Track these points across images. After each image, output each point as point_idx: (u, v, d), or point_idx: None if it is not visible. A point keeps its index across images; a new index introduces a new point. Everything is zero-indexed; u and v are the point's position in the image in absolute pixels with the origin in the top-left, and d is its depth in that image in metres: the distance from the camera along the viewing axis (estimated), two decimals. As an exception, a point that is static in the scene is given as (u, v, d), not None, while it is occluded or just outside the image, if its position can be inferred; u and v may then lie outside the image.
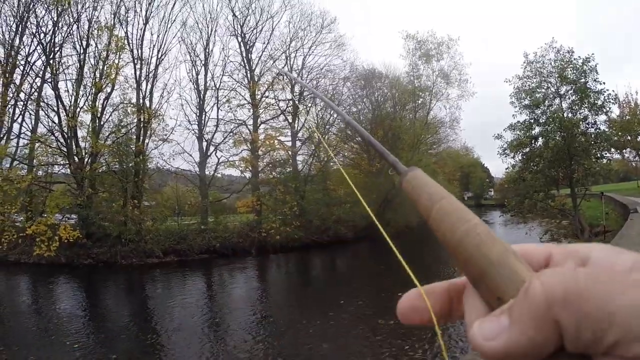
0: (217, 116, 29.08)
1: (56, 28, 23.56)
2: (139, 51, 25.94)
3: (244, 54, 30.38)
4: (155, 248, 22.43)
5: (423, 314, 0.35)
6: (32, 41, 23.65)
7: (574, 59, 22.89)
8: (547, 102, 23.65)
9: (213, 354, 9.55)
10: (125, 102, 25.51)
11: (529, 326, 0.27)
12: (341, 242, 28.23)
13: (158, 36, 26.65)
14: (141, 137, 25.61)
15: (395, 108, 37.12)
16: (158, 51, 26.55)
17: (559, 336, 0.26)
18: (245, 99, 30.17)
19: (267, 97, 31.25)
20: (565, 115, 22.80)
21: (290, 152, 31.40)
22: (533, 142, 24.26)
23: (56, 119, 23.52)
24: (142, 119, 25.45)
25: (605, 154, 23.28)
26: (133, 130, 25.55)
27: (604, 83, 22.14)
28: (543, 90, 23.78)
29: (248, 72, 30.44)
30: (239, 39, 30.20)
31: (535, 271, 0.30)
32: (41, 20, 23.45)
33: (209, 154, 28.50)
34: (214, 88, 29.14)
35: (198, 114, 28.40)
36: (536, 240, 23.57)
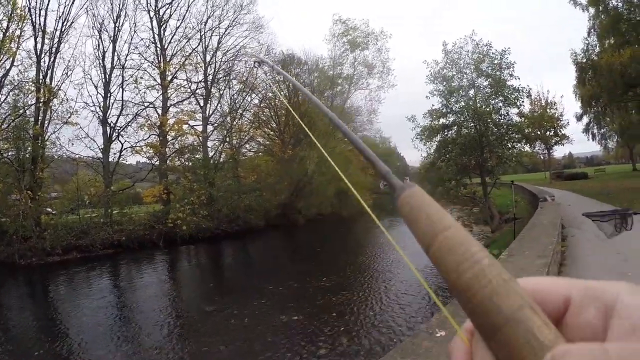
0: (122, 98, 28.93)
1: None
2: (41, 22, 25.04)
3: (156, 31, 30.33)
4: (56, 245, 22.27)
5: None
6: None
7: (492, 52, 25.05)
8: (462, 91, 25.68)
9: (124, 355, 9.74)
10: (24, 79, 24.61)
11: None
12: (252, 231, 29.33)
13: (64, 6, 25.94)
14: (40, 120, 24.88)
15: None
16: (62, 23, 25.81)
17: None
18: (155, 80, 30.27)
19: (177, 78, 31.54)
20: (479, 106, 24.85)
21: (200, 138, 32.08)
22: (446, 130, 26.44)
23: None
24: (41, 98, 24.66)
25: (517, 145, 25.62)
26: (32, 111, 24.77)
27: (519, 78, 24.60)
28: (458, 80, 25.84)
29: (160, 50, 30.44)
30: (152, 14, 30.05)
31: (552, 317, 0.29)
32: None
33: (113, 139, 28.31)
34: (120, 67, 28.83)
35: (103, 95, 28.09)
36: None
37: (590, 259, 7.98)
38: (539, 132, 42.19)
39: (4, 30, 23.43)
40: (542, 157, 53.83)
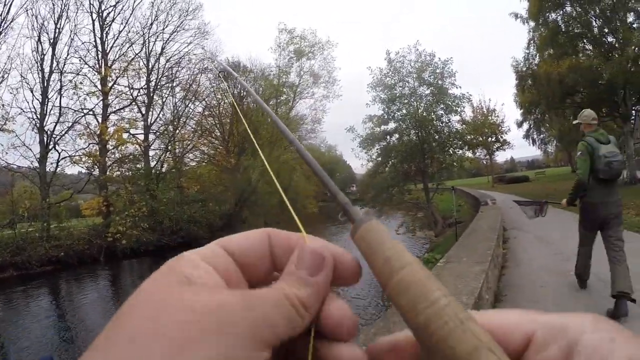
0: (60, 104, 27.78)
1: None
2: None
3: (99, 35, 29.53)
4: (-11, 262, 21.04)
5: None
6: None
7: (435, 62, 26.11)
8: (403, 99, 26.35)
9: None
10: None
11: None
12: (198, 242, 29.13)
13: (3, 5, 24.75)
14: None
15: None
16: (0, 23, 24.66)
17: None
18: (95, 86, 29.29)
19: (118, 84, 30.77)
20: (420, 113, 25.64)
21: (142, 147, 31.43)
22: (388, 137, 27.15)
23: None
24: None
25: (458, 151, 26.72)
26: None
27: (460, 87, 25.76)
28: (400, 88, 26.57)
29: (101, 54, 29.60)
30: (94, 16, 29.15)
31: (513, 356, 0.29)
32: None
33: (50, 148, 27.12)
34: (59, 71, 27.73)
35: (40, 101, 26.86)
36: (391, 232, 26.14)
37: (532, 261, 8.23)
38: (480, 139, 44.32)
39: None
40: (484, 162, 56.58)
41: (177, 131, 33.68)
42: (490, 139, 46.14)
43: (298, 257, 0.33)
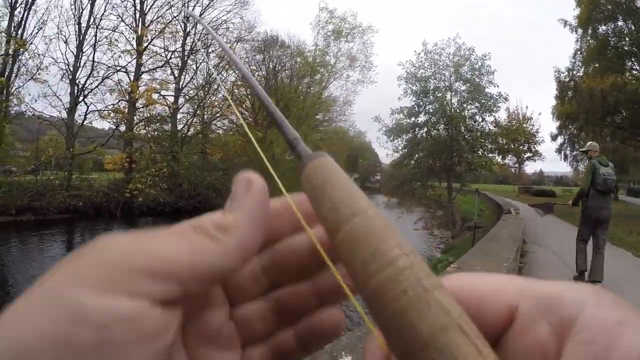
0: (94, 58, 28.35)
1: None
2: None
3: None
4: (10, 203, 22.03)
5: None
6: None
7: (474, 57, 25.24)
8: (437, 93, 25.59)
9: None
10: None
11: None
12: (214, 209, 29.61)
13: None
14: (7, 72, 24.34)
15: (292, 79, 39.09)
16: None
17: None
18: (131, 44, 29.85)
19: (154, 45, 31.20)
20: (453, 109, 24.94)
21: (170, 109, 31.92)
22: (417, 129, 26.46)
23: None
24: (9, 49, 24.16)
25: (489, 154, 25.84)
26: (-1, 62, 24.14)
27: (497, 86, 24.88)
28: (435, 81, 25.89)
29: (139, 14, 29.99)
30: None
31: (491, 332, 0.23)
32: None
33: (79, 100, 27.84)
34: (96, 26, 28.23)
35: (75, 53, 27.47)
36: (408, 226, 25.60)
37: (548, 277, 8.07)
38: (512, 145, 43.17)
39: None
40: (513, 171, 55.10)
41: (207, 97, 34.00)
42: (522, 147, 44.70)
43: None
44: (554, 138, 46.16)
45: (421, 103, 26.10)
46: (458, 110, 25.18)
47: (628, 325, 0.20)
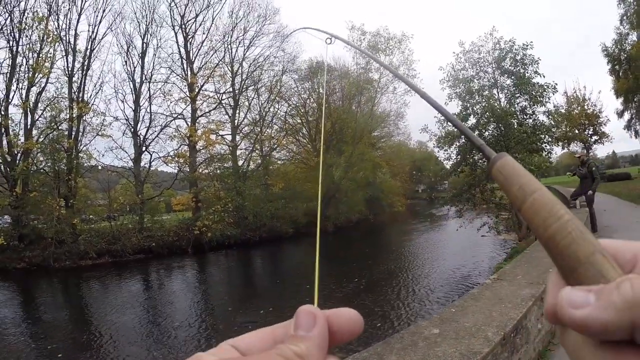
0: (150, 110, 30.97)
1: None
2: (73, 42, 27.59)
3: (183, 46, 32.39)
4: (89, 249, 24.18)
5: None
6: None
7: (514, 49, 24.33)
8: (482, 92, 24.87)
9: (149, 355, 10.30)
10: (58, 96, 27.07)
11: (610, 313, 0.31)
12: (281, 238, 30.47)
13: (92, 26, 28.40)
14: (73, 133, 27.14)
15: (343, 101, 40.12)
16: (92, 41, 28.25)
17: (630, 332, 0.31)
18: (183, 91, 32.26)
19: (206, 90, 33.44)
20: (501, 105, 24.24)
21: (230, 147, 33.73)
22: None
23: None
24: (73, 113, 26.89)
25: (545, 146, 24.42)
26: (65, 126, 27.03)
27: (544, 76, 23.70)
28: (478, 80, 25.23)
29: (187, 63, 32.41)
30: (177, 29, 32.14)
31: (622, 268, 0.35)
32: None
33: (143, 150, 30.32)
34: (149, 81, 30.97)
35: (133, 108, 30.16)
36: (473, 234, 25.92)
37: None
38: (576, 131, 41.02)
39: (37, 51, 26.04)
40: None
41: (263, 130, 35.62)
42: (586, 131, 41.87)
43: (294, 322, 0.38)
44: (620, 115, 42.81)
45: (468, 105, 25.66)
46: (508, 106, 24.34)
47: None
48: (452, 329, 3.50)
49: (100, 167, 29.05)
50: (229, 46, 33.96)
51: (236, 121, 34.33)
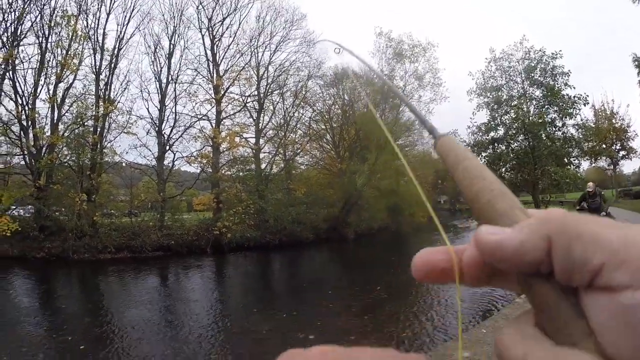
0: (175, 110, 31.29)
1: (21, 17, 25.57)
2: (101, 41, 28.22)
3: (210, 48, 32.77)
4: (108, 243, 24.42)
5: (437, 270, 0.39)
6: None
7: (544, 59, 24.30)
8: (511, 102, 24.76)
9: (168, 348, 10.24)
10: (85, 93, 27.66)
11: (524, 232, 0.33)
12: (301, 243, 30.28)
13: (120, 26, 29.01)
14: (99, 129, 27.60)
15: (368, 108, 39.79)
16: (120, 41, 28.83)
17: (546, 252, 0.31)
18: (209, 93, 32.51)
19: (231, 93, 33.71)
20: (531, 117, 24.00)
21: (253, 150, 33.78)
22: (495, 144, 25.59)
23: (13, 109, 25.47)
24: (99, 110, 27.38)
25: (574, 160, 24.57)
26: (91, 122, 27.49)
27: (574, 87, 23.57)
28: (507, 89, 25.11)
29: (213, 66, 32.75)
30: (204, 32, 32.52)
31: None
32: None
33: (166, 149, 30.62)
34: (175, 82, 31.35)
35: (159, 108, 30.54)
36: None
37: None
38: (603, 146, 39.76)
39: (66, 49, 26.65)
40: (609, 173, 49.85)
41: (287, 135, 35.63)
42: (614, 145, 40.74)
43: None
44: (649, 129, 41.18)
45: (496, 115, 25.16)
46: (536, 117, 24.05)
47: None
48: (484, 352, 3.24)
49: (124, 164, 29.49)
50: (256, 50, 34.19)
51: (260, 124, 34.41)
